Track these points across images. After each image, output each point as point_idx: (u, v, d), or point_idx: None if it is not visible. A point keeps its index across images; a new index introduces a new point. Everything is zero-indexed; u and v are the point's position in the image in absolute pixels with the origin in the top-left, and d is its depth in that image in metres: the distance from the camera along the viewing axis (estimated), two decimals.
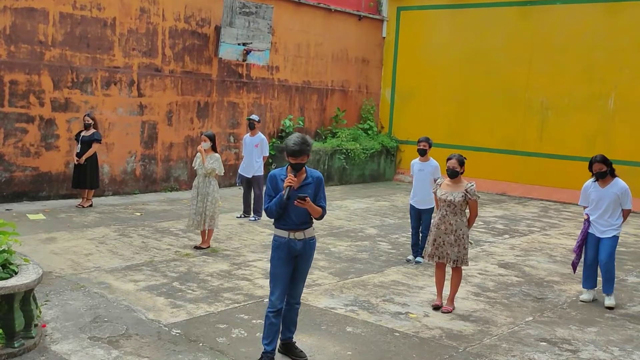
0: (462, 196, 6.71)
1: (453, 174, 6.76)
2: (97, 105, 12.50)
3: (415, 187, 8.95)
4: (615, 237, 7.34)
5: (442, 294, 7.00)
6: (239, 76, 15.07)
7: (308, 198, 5.01)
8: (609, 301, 7.28)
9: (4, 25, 11.17)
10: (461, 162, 6.77)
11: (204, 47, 14.23)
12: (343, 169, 16.80)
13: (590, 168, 7.41)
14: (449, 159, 6.82)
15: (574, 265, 7.63)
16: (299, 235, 5.19)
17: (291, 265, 5.23)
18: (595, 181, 7.43)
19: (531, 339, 6.16)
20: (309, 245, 5.28)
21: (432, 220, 7.09)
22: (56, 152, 12.03)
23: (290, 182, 5.04)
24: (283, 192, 5.06)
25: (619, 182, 7.33)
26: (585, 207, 7.59)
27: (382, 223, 11.72)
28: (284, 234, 5.21)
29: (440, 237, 6.82)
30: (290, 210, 5.12)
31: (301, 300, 5.49)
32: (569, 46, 15.73)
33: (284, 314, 5.30)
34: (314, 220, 5.31)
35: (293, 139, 5.12)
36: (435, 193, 7.03)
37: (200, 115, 14.35)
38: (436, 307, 6.86)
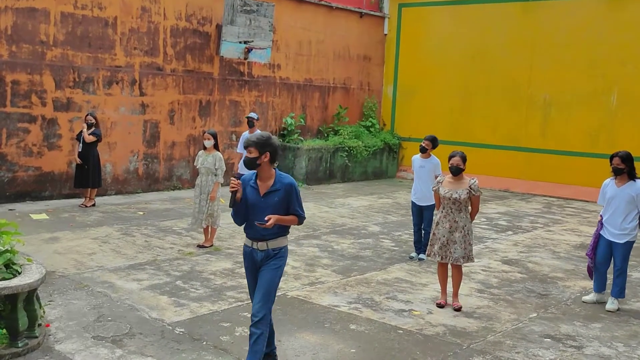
0: (467, 193, 6.71)
1: (457, 171, 6.74)
2: (99, 105, 12.50)
3: (416, 183, 8.92)
4: (629, 243, 6.98)
5: (446, 291, 6.99)
6: (240, 74, 15.06)
7: (271, 220, 4.68)
8: (611, 305, 7.02)
9: (6, 25, 11.17)
10: (464, 159, 6.76)
11: (206, 46, 14.22)
12: (345, 166, 16.79)
13: (610, 161, 7.00)
14: (452, 157, 6.77)
15: (590, 271, 7.38)
16: (262, 245, 4.88)
17: (256, 280, 4.92)
18: (613, 179, 7.06)
19: (535, 336, 6.14)
20: (272, 256, 4.88)
21: (433, 218, 7.02)
22: (58, 152, 12.04)
23: (233, 187, 4.76)
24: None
25: (637, 184, 6.90)
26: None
27: (385, 220, 11.71)
28: (248, 243, 4.97)
29: (444, 236, 6.77)
30: (254, 219, 4.81)
31: (304, 299, 5.47)
32: (571, 42, 15.69)
33: None
34: (289, 227, 4.98)
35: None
36: (436, 191, 6.94)
37: (202, 113, 14.35)
38: (440, 306, 6.83)
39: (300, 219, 4.96)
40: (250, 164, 4.80)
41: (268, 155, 4.76)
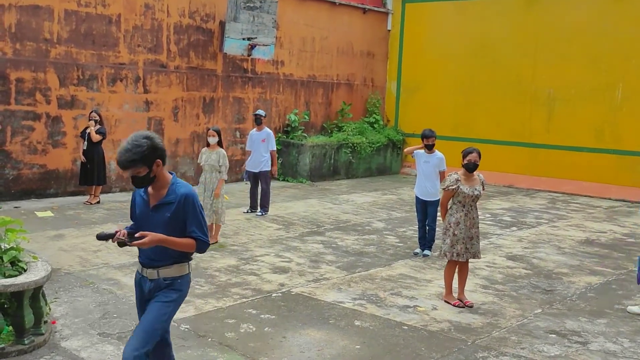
0: (482, 188, 6.81)
1: (475, 168, 6.74)
2: (103, 102, 12.52)
3: (420, 179, 8.90)
4: None
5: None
6: (244, 71, 15.06)
7: (145, 238, 3.66)
8: None
9: (10, 23, 11.19)
10: (480, 155, 6.76)
11: (209, 43, 14.22)
12: (349, 162, 16.78)
13: None
14: (469, 153, 6.72)
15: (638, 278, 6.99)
16: (151, 273, 3.89)
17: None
18: None
19: (540, 331, 6.14)
20: (163, 287, 3.89)
21: (450, 217, 6.77)
22: (63, 149, 12.06)
23: (119, 237, 3.71)
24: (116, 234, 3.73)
25: None
26: None
27: (389, 216, 11.70)
28: (139, 268, 3.99)
29: (466, 235, 6.72)
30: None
31: (309, 295, 5.45)
32: (575, 36, 15.63)
33: None
34: (191, 253, 3.95)
35: (124, 142, 3.73)
36: (452, 190, 6.70)
37: (206, 110, 14.35)
38: (460, 305, 6.75)
39: (200, 244, 3.87)
40: (143, 182, 3.78)
41: (159, 161, 3.77)
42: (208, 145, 9.06)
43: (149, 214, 3.85)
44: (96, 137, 11.34)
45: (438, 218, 9.02)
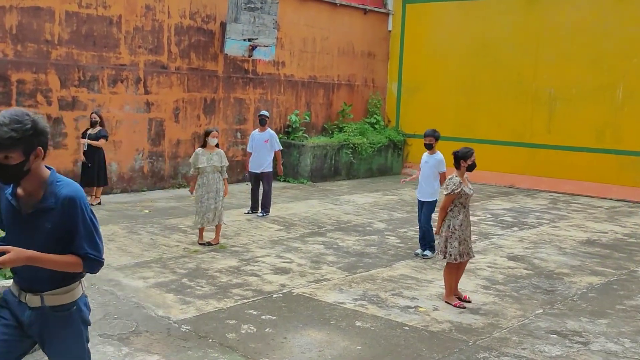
0: None
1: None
2: (104, 103, 12.53)
3: (420, 179, 8.90)
4: None
5: None
6: (245, 72, 15.07)
7: (8, 254, 2.67)
8: None
9: (11, 25, 11.20)
10: None
11: (210, 44, 14.23)
12: (350, 163, 16.78)
13: None
14: (472, 154, 6.73)
15: None
16: (32, 300, 2.89)
17: (18, 345, 2.96)
18: None
19: (541, 332, 6.13)
20: (51, 320, 2.93)
21: (453, 220, 6.70)
22: (64, 151, 12.07)
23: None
24: None
25: None
26: None
27: (390, 217, 11.70)
28: (14, 289, 2.97)
29: (466, 234, 6.75)
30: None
31: (310, 296, 5.45)
32: (576, 36, 15.63)
33: None
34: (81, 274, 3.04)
35: None
36: (457, 194, 6.64)
37: (207, 111, 14.36)
38: (461, 306, 6.76)
39: (90, 263, 2.93)
40: (14, 175, 2.72)
41: (41, 150, 2.76)
42: (204, 145, 8.95)
43: (22, 224, 2.82)
44: (99, 143, 11.36)
45: (435, 218, 9.02)
